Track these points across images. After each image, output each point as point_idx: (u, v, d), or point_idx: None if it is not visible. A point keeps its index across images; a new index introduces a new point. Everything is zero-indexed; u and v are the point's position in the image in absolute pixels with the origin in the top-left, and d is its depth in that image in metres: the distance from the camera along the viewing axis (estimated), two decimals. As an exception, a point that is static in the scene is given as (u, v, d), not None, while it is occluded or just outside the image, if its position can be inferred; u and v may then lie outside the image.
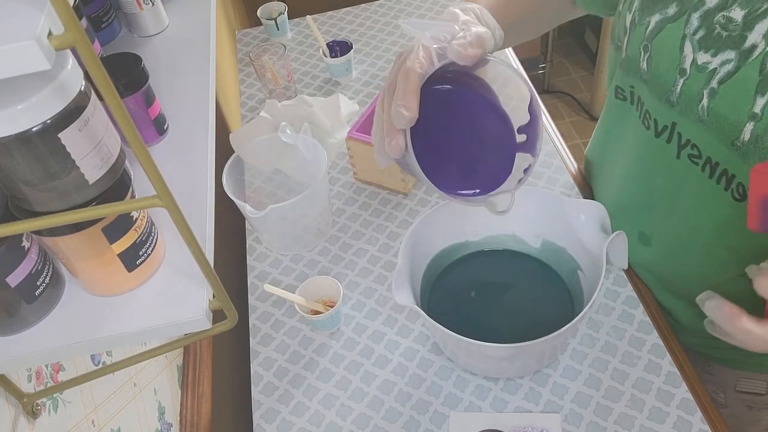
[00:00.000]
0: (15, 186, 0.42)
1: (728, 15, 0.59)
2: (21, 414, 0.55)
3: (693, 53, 0.62)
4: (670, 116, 0.67)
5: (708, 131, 0.64)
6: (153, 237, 0.52)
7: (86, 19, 0.71)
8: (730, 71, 0.59)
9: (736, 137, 0.61)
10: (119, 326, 0.49)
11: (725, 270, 0.72)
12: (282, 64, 1.22)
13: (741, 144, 0.61)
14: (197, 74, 0.69)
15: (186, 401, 0.92)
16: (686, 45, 0.63)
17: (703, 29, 0.61)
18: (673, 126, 0.68)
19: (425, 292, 0.85)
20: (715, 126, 0.63)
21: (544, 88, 2.72)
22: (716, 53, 0.60)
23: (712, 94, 0.62)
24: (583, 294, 0.81)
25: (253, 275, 0.99)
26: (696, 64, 0.62)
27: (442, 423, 0.78)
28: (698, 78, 0.62)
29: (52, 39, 0.32)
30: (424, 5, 1.46)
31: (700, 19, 0.61)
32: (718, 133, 0.63)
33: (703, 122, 0.64)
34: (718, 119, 0.62)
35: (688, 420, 0.75)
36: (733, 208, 0.66)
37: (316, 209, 0.96)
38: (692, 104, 0.64)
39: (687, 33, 0.62)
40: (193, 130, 0.64)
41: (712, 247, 0.72)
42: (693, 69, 0.63)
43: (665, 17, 0.64)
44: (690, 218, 0.73)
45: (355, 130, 1.02)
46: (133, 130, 0.37)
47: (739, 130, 0.60)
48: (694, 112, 0.64)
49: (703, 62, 0.62)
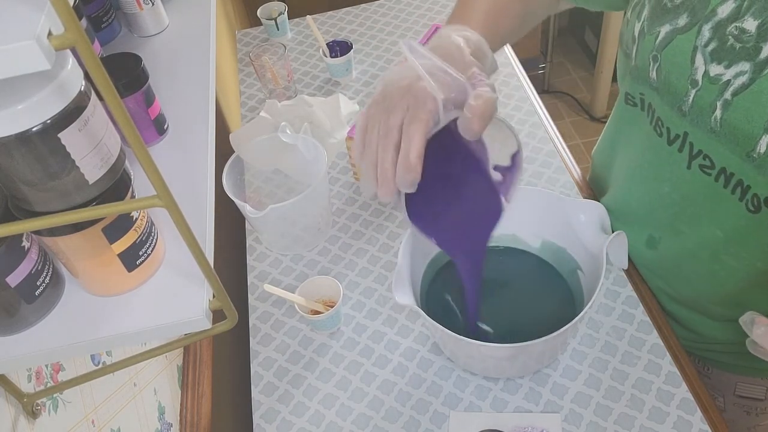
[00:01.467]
0: (15, 186, 0.42)
1: (741, 26, 0.57)
2: (21, 414, 0.55)
3: (705, 65, 0.61)
4: (682, 125, 0.66)
5: (720, 143, 0.62)
6: (153, 237, 0.52)
7: (86, 19, 0.71)
8: (744, 83, 0.58)
9: (752, 149, 0.60)
10: (119, 326, 0.49)
11: (732, 277, 0.72)
12: (282, 64, 1.22)
13: (757, 156, 0.59)
14: (197, 74, 0.69)
15: (186, 401, 0.92)
16: (698, 57, 0.61)
17: (715, 41, 0.59)
18: (685, 135, 0.67)
19: (425, 292, 0.85)
20: (728, 138, 0.61)
21: (544, 88, 2.72)
22: (730, 65, 0.59)
23: (725, 106, 0.60)
24: (583, 294, 0.81)
25: (253, 275, 0.99)
26: (708, 76, 0.61)
27: (442, 423, 0.78)
28: (711, 89, 0.61)
29: (52, 39, 0.32)
30: (424, 5, 1.46)
31: (712, 31, 0.59)
32: (732, 144, 0.61)
33: (716, 133, 0.62)
34: (732, 131, 0.61)
35: (688, 420, 0.75)
36: (746, 219, 0.65)
37: (316, 209, 0.96)
38: (704, 115, 0.63)
39: (698, 45, 0.61)
40: (193, 130, 0.64)
41: (721, 254, 0.71)
42: (705, 80, 0.61)
43: (675, 28, 0.63)
44: (699, 226, 0.72)
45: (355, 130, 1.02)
46: (133, 130, 0.37)
47: (755, 142, 0.59)
48: (707, 123, 0.63)
49: (716, 74, 0.60)
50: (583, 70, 2.80)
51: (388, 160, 0.56)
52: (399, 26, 1.42)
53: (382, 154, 0.56)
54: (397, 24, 1.43)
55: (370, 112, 0.59)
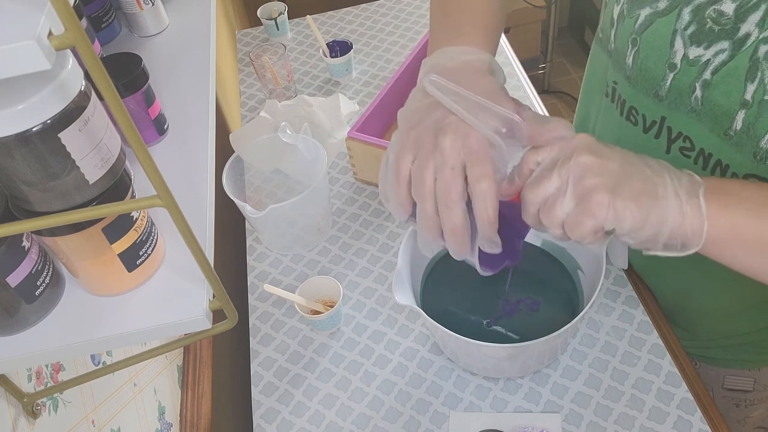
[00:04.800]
0: (15, 186, 0.42)
1: (719, 8, 0.58)
2: (21, 414, 0.55)
3: (684, 48, 0.62)
4: (658, 111, 0.67)
5: (700, 121, 0.63)
6: (153, 237, 0.52)
7: (86, 19, 0.71)
8: (724, 60, 0.59)
9: (729, 126, 0.60)
10: (119, 326, 0.49)
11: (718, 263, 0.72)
12: (282, 64, 1.22)
13: (734, 133, 0.60)
14: (197, 74, 0.69)
15: (186, 401, 0.92)
16: (677, 40, 0.62)
17: (694, 24, 0.60)
18: (663, 120, 0.67)
19: (425, 292, 0.85)
20: (708, 116, 0.62)
21: (544, 88, 2.72)
22: (709, 46, 0.59)
23: (705, 85, 0.61)
24: (583, 294, 0.81)
25: (253, 275, 0.99)
26: (687, 59, 0.62)
27: (442, 423, 0.78)
28: (689, 72, 0.62)
29: (52, 39, 0.32)
30: (424, 5, 1.46)
31: (692, 14, 0.60)
32: (711, 122, 0.62)
33: (696, 113, 0.63)
34: (712, 108, 0.61)
35: (688, 420, 0.75)
36: None
37: (316, 209, 0.96)
38: (683, 96, 0.64)
39: (678, 28, 0.61)
40: (193, 130, 0.64)
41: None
42: (684, 63, 0.62)
43: (656, 11, 0.63)
44: None
45: (355, 130, 1.02)
46: (133, 130, 0.37)
47: (731, 118, 0.60)
48: (686, 104, 0.64)
49: (695, 56, 0.61)
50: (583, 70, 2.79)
51: (457, 220, 0.51)
52: (399, 26, 1.42)
53: (448, 213, 0.51)
54: (397, 24, 1.43)
55: (403, 154, 0.54)
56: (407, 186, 0.54)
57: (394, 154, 0.54)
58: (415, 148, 0.53)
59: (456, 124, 0.52)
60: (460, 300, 0.85)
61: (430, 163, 0.52)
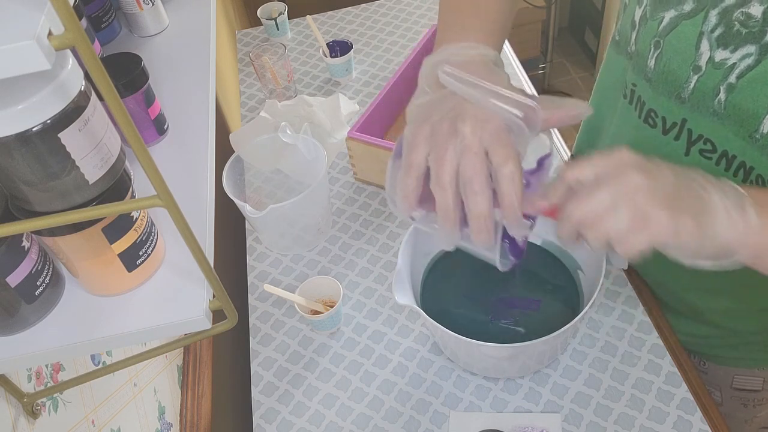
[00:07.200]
0: (15, 186, 0.42)
1: (747, 11, 0.57)
2: (21, 414, 0.55)
3: (710, 51, 0.61)
4: (680, 113, 0.67)
5: (723, 125, 0.63)
6: (153, 237, 0.52)
7: (86, 19, 0.71)
8: (750, 65, 0.59)
9: (755, 130, 0.60)
10: (119, 326, 0.49)
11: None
12: (282, 64, 1.22)
13: (760, 136, 0.60)
14: (197, 74, 0.69)
15: (186, 401, 0.92)
16: (703, 42, 0.61)
17: (721, 26, 0.60)
18: (683, 123, 0.67)
19: (425, 292, 0.85)
20: (732, 119, 0.62)
21: (544, 88, 2.72)
22: (735, 49, 0.59)
23: (730, 89, 0.61)
24: (583, 294, 0.81)
25: (253, 275, 0.99)
26: (713, 62, 0.61)
27: (442, 423, 0.78)
28: (714, 74, 0.62)
29: (52, 39, 0.32)
30: (424, 5, 1.46)
31: (719, 16, 0.60)
32: (735, 126, 0.62)
33: (719, 116, 0.63)
34: (736, 112, 0.61)
35: (688, 420, 0.75)
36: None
37: (316, 209, 0.96)
38: (706, 99, 0.63)
39: (705, 30, 0.61)
40: (193, 130, 0.64)
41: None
42: (709, 66, 0.62)
43: (681, 13, 0.63)
44: None
45: (355, 130, 1.02)
46: (133, 130, 0.37)
47: (758, 122, 0.60)
48: (709, 107, 0.64)
49: (721, 59, 0.61)
50: (583, 70, 2.80)
51: (484, 206, 0.51)
52: (399, 26, 1.42)
53: (474, 199, 0.51)
54: (397, 24, 1.43)
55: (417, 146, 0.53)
56: (417, 177, 0.53)
57: (408, 147, 0.54)
58: (432, 138, 0.52)
59: (474, 111, 0.52)
60: (460, 300, 0.85)
61: (449, 150, 0.51)
